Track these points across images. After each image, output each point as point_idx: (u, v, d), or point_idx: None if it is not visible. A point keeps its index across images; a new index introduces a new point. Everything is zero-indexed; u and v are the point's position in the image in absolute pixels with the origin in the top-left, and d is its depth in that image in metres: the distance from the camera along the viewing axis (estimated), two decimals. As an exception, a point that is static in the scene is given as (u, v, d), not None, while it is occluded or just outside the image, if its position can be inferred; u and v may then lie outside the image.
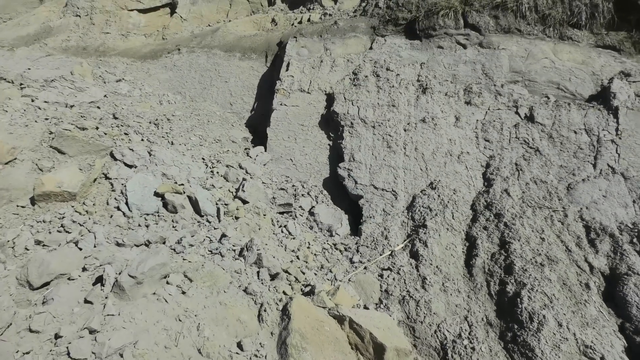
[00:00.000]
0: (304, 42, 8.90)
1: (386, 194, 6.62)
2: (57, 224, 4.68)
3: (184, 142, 7.21)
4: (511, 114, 7.05)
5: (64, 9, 13.80)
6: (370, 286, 5.24)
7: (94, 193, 5.37)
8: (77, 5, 13.44)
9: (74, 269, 3.99)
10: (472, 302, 4.99)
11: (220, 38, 11.03)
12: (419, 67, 7.89)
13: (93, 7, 13.29)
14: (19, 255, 4.19)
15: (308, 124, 7.86)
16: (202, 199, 5.65)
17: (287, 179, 7.32)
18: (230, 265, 4.71)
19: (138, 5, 13.17)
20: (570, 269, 5.13)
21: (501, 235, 5.57)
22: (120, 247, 4.55)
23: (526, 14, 7.71)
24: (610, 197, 5.92)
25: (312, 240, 6.07)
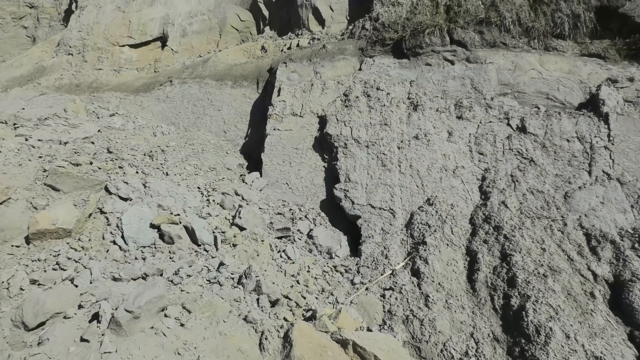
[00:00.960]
0: (294, 67, 9.01)
1: (384, 213, 6.59)
2: (52, 261, 4.63)
3: (179, 172, 7.21)
4: (503, 126, 7.08)
5: (56, 48, 14.00)
6: (373, 307, 5.15)
7: (90, 228, 5.33)
8: (69, 44, 13.64)
9: (70, 307, 3.92)
10: (477, 318, 4.90)
11: (211, 68, 11.16)
12: (409, 85, 7.97)
13: (85, 45, 13.48)
14: (14, 296, 4.13)
15: (302, 147, 7.88)
16: (199, 228, 5.61)
17: (284, 203, 7.29)
18: (229, 293, 4.65)
19: (129, 41, 13.37)
20: (573, 279, 5.06)
21: (502, 248, 5.53)
22: (116, 282, 4.49)
23: (510, 27, 7.84)
24: (608, 204, 5.90)
25: (312, 264, 6.00)
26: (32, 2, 17.08)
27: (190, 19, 13.23)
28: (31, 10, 17.08)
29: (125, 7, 13.78)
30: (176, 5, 13.49)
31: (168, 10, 13.45)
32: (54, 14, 16.83)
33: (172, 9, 13.44)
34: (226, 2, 13.26)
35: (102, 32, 13.55)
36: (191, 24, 13.17)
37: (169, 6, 13.50)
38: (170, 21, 13.26)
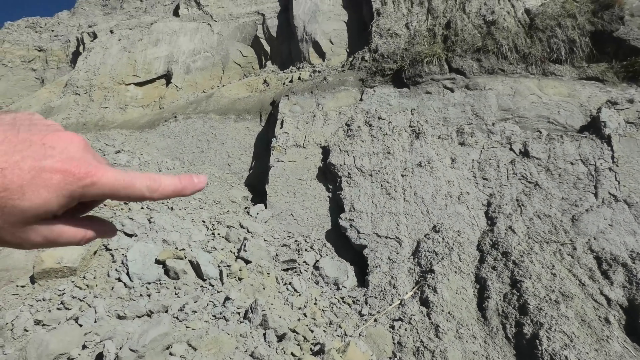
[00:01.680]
0: (296, 99, 9.15)
1: (390, 242, 6.53)
2: (57, 301, 4.59)
3: (184, 207, 7.22)
4: (506, 151, 7.10)
5: (63, 89, 14.34)
6: (382, 339, 5.04)
7: (95, 266, 5.31)
8: (76, 84, 13.98)
9: (74, 348, 3.86)
10: (489, 348, 4.78)
11: (214, 103, 11.36)
12: (410, 113, 8.05)
13: (92, 85, 13.81)
14: (17, 337, 4.08)
15: (306, 177, 7.91)
16: (204, 263, 5.57)
17: (289, 235, 7.26)
18: (235, 329, 4.57)
19: (135, 79, 13.69)
20: (586, 304, 4.95)
21: (511, 274, 5.44)
22: (121, 320, 4.43)
23: (507, 54, 7.97)
24: (617, 226, 5.83)
25: (319, 296, 5.92)
26: (41, 45, 17.61)
27: (193, 57, 13.57)
28: (40, 53, 17.59)
29: (131, 48, 14.18)
30: (180, 44, 13.87)
31: (172, 49, 13.82)
32: (62, 56, 17.32)
33: (176, 48, 13.81)
34: (228, 39, 13.61)
35: (108, 71, 13.90)
36: (195, 61, 13.50)
37: (173, 45, 13.88)
38: (175, 59, 13.60)
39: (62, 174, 0.53)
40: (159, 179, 0.62)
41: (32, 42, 17.76)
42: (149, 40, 14.21)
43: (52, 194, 0.52)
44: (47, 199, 0.52)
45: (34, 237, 0.55)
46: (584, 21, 7.81)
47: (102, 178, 0.56)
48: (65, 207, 0.55)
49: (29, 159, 0.51)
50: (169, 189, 0.63)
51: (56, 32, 18.10)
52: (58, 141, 0.55)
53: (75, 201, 0.56)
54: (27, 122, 0.57)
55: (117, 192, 0.58)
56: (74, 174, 0.54)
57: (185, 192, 0.65)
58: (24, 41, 17.70)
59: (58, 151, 0.54)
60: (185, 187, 0.65)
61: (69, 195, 0.54)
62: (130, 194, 0.59)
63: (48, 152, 0.53)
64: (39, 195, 0.51)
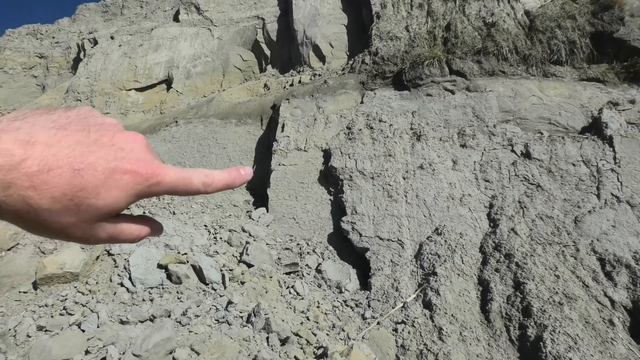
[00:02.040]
0: (297, 103, 9.16)
1: (392, 244, 6.52)
2: (60, 306, 4.59)
3: (186, 211, 7.22)
4: (507, 153, 7.09)
5: (65, 95, 14.37)
6: (385, 342, 5.02)
7: (97, 271, 5.31)
8: (77, 90, 14.01)
9: (77, 353, 3.85)
10: (493, 351, 4.76)
11: (215, 107, 11.37)
12: (411, 115, 8.05)
13: (93, 91, 13.84)
14: (20, 343, 4.07)
15: (307, 181, 7.91)
16: (207, 267, 5.56)
17: (291, 238, 7.25)
18: (238, 333, 4.55)
19: (136, 85, 13.72)
20: (590, 306, 4.93)
21: (514, 276, 5.42)
22: (124, 325, 4.42)
23: (507, 56, 7.97)
24: (619, 227, 5.81)
25: (322, 299, 5.90)
26: (42, 52, 17.68)
27: (194, 62, 13.61)
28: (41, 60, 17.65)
29: (132, 53, 14.22)
30: (180, 49, 13.91)
31: (173, 54, 13.86)
32: (62, 62, 17.38)
33: (176, 53, 13.85)
34: (229, 44, 13.65)
35: (109, 77, 13.93)
36: (195, 66, 13.54)
37: (174, 50, 13.92)
38: (175, 64, 13.64)
39: (131, 175, 0.57)
40: (211, 175, 0.66)
41: (33, 49, 17.83)
42: (150, 45, 14.25)
43: (123, 194, 0.56)
44: (118, 198, 0.56)
45: (101, 233, 0.59)
46: (583, 22, 7.82)
47: (166, 177, 0.60)
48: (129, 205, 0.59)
49: (102, 160, 0.54)
50: (220, 183, 0.67)
51: (57, 39, 18.17)
52: (125, 142, 0.59)
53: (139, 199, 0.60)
54: (93, 120, 0.59)
55: (177, 189, 0.62)
56: (141, 175, 0.57)
57: (234, 185, 0.69)
58: (25, 48, 17.77)
59: (127, 152, 0.58)
60: (234, 179, 0.69)
61: (137, 194, 0.58)
62: (188, 190, 0.63)
63: (118, 154, 0.56)
64: (111, 195, 0.55)
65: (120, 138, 0.59)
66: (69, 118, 0.57)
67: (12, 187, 0.49)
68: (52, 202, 0.51)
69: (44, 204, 0.51)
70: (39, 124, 0.54)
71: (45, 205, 0.51)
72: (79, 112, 0.59)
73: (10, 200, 0.50)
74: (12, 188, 0.49)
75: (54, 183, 0.51)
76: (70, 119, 0.57)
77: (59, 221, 0.54)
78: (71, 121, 0.57)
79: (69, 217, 0.54)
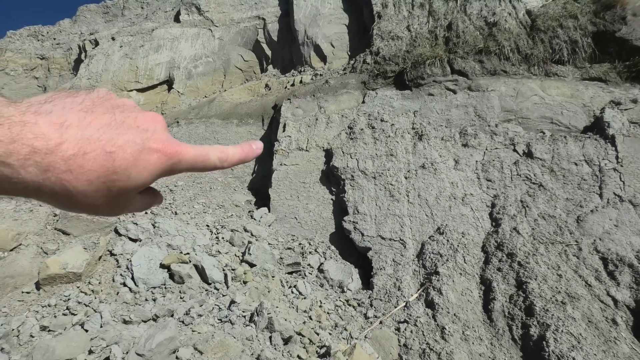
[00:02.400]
0: (298, 103, 9.16)
1: (394, 244, 6.52)
2: (63, 306, 4.59)
3: (188, 211, 7.23)
4: (509, 152, 7.09)
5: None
6: (388, 341, 5.02)
7: (100, 271, 5.31)
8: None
9: (80, 353, 3.86)
10: (496, 350, 4.75)
11: (216, 107, 11.37)
12: (412, 115, 8.05)
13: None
14: (23, 343, 4.08)
15: (309, 181, 7.91)
16: (209, 267, 5.57)
17: (293, 238, 7.25)
18: (241, 332, 4.56)
19: (137, 85, 13.73)
20: (593, 305, 4.93)
21: (516, 276, 5.41)
22: (127, 325, 4.42)
23: (509, 55, 7.97)
24: (622, 226, 5.80)
25: (324, 298, 5.90)
26: (43, 54, 17.68)
27: (195, 62, 13.61)
28: (42, 61, 17.65)
29: (133, 54, 14.23)
30: (181, 49, 13.92)
31: (173, 54, 13.87)
32: (64, 64, 17.38)
33: (177, 54, 13.86)
34: (229, 44, 13.66)
35: (110, 78, 13.94)
36: (196, 66, 13.54)
37: (175, 51, 13.93)
38: (176, 65, 13.65)
39: (157, 154, 0.59)
40: (226, 150, 0.70)
41: (35, 50, 17.83)
42: (151, 46, 14.26)
43: (150, 173, 0.59)
44: (146, 177, 0.59)
45: (126, 207, 0.63)
46: (585, 22, 7.82)
47: (186, 155, 0.63)
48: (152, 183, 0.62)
49: (130, 142, 0.56)
50: (235, 158, 0.71)
51: (58, 40, 18.17)
52: (147, 122, 0.61)
53: (162, 177, 0.63)
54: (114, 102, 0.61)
55: (196, 166, 0.65)
56: (166, 154, 0.60)
57: (247, 159, 0.73)
58: (26, 50, 17.77)
59: (150, 133, 0.60)
60: (247, 154, 0.73)
61: (161, 172, 0.61)
62: (206, 166, 0.67)
63: (144, 135, 0.59)
64: (140, 175, 0.58)
65: (143, 119, 0.61)
66: (92, 101, 0.59)
67: (50, 171, 0.50)
68: (87, 185, 0.53)
69: (80, 186, 0.53)
70: (68, 107, 0.55)
71: (81, 188, 0.53)
72: (99, 95, 0.61)
73: (49, 182, 0.51)
74: (50, 171, 0.50)
75: (89, 166, 0.53)
76: (94, 102, 0.58)
77: (93, 202, 0.56)
78: (96, 104, 0.58)
79: (101, 197, 0.56)
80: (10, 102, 0.52)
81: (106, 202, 0.57)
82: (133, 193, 0.60)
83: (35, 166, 0.49)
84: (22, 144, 0.49)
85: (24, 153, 0.49)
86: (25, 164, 0.49)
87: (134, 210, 0.66)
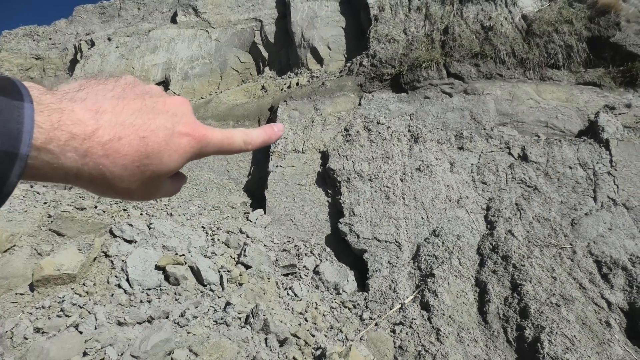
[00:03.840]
0: (295, 105, 9.17)
1: (390, 246, 6.53)
2: (57, 308, 4.56)
3: (183, 213, 7.21)
4: (505, 155, 7.12)
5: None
6: (383, 343, 5.03)
7: (94, 272, 5.28)
8: (74, 90, 13.94)
9: (74, 355, 3.83)
10: (490, 352, 4.77)
11: (213, 109, 11.37)
12: (409, 118, 8.08)
13: (90, 91, 13.78)
14: (17, 345, 4.05)
15: (305, 182, 7.91)
16: (204, 268, 5.55)
17: (289, 240, 7.25)
18: (237, 334, 4.55)
19: (133, 85, 13.67)
20: (587, 307, 4.96)
21: (511, 278, 5.44)
22: (122, 327, 4.40)
23: (505, 59, 8.02)
24: (616, 229, 5.85)
25: (320, 300, 5.90)
26: (39, 54, 17.60)
27: (191, 63, 13.60)
28: (37, 61, 17.57)
29: (129, 55, 14.20)
30: (178, 50, 13.90)
31: (170, 55, 13.85)
32: (59, 64, 17.30)
33: (173, 55, 13.84)
34: (226, 46, 13.66)
35: (106, 78, 13.87)
36: (192, 67, 13.53)
37: (171, 52, 13.91)
38: (172, 66, 13.63)
39: (187, 138, 0.61)
40: (250, 133, 0.71)
41: (30, 50, 17.74)
42: (147, 47, 14.24)
43: (181, 157, 0.61)
44: (178, 161, 0.61)
45: (158, 191, 0.65)
46: (580, 27, 7.88)
47: (214, 138, 0.65)
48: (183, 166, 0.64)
49: (162, 126, 0.58)
50: (259, 140, 0.72)
51: (54, 40, 18.09)
52: (176, 107, 0.63)
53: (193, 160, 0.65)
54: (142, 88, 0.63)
55: (222, 149, 0.67)
56: (195, 137, 0.62)
57: (270, 141, 0.75)
58: (21, 49, 17.69)
59: (180, 117, 0.62)
60: (270, 136, 0.75)
61: (191, 156, 0.63)
62: (232, 149, 0.68)
63: (174, 119, 0.61)
64: (172, 159, 0.60)
65: (171, 104, 0.63)
66: (122, 87, 0.60)
67: (88, 156, 0.52)
68: (123, 169, 0.55)
69: (116, 171, 0.55)
70: (101, 94, 0.57)
71: (117, 172, 0.55)
72: (127, 81, 0.62)
73: (87, 167, 0.53)
74: (88, 156, 0.52)
75: (124, 151, 0.54)
76: (124, 89, 0.60)
77: (128, 186, 0.58)
78: (126, 90, 0.60)
79: (135, 182, 0.58)
80: (47, 90, 0.54)
81: (140, 186, 0.59)
82: (165, 176, 0.62)
83: (74, 152, 0.51)
84: (61, 130, 0.50)
85: (64, 139, 0.50)
86: (64, 150, 0.51)
87: (165, 195, 0.68)
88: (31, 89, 0.51)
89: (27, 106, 0.48)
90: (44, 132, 0.49)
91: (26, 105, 0.48)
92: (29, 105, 0.48)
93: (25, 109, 0.48)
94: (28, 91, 0.50)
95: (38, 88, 0.53)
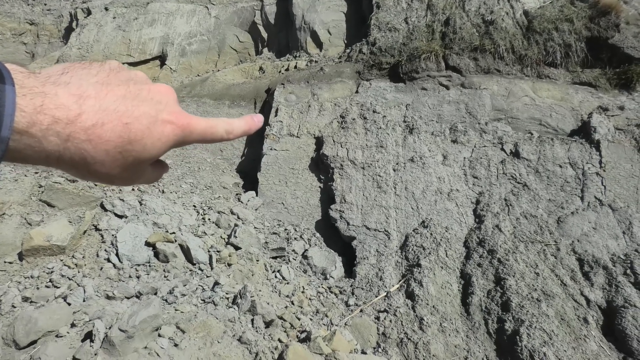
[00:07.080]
0: (292, 88, 9.13)
1: (379, 235, 6.61)
2: (46, 279, 4.59)
3: (175, 190, 7.21)
4: (497, 151, 7.19)
5: (55, 64, 14.06)
6: (367, 330, 5.14)
7: (84, 245, 5.30)
8: (68, 60, 13.73)
9: (63, 325, 3.88)
10: (471, 342, 4.90)
11: (209, 87, 11.27)
12: (405, 108, 8.10)
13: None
14: (5, 313, 4.08)
15: (298, 167, 7.94)
16: (194, 247, 5.59)
17: (279, 223, 7.30)
18: (224, 314, 4.62)
19: (128, 59, 13.49)
20: (567, 304, 5.09)
21: (496, 272, 5.56)
22: (110, 300, 4.45)
23: (504, 55, 8.03)
24: (600, 229, 5.97)
25: (307, 285, 5.99)
26: (33, 19, 17.22)
27: (189, 39, 13.42)
28: (31, 27, 17.20)
29: (126, 27, 13.96)
30: (176, 25, 13.69)
31: (168, 30, 13.64)
32: (54, 31, 16.96)
33: (172, 29, 13.63)
34: (225, 24, 13.48)
35: (101, 49, 13.67)
36: (190, 44, 13.35)
37: (169, 26, 13.70)
38: (170, 41, 13.43)
39: (170, 126, 0.62)
40: (232, 123, 0.72)
41: (24, 15, 17.35)
42: (145, 20, 13.99)
43: (164, 144, 0.61)
44: (160, 148, 0.61)
45: (139, 179, 0.66)
46: (580, 26, 7.90)
47: (197, 127, 0.66)
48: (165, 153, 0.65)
49: (145, 114, 0.59)
50: (240, 130, 0.74)
51: (49, 6, 17.70)
52: (160, 95, 0.64)
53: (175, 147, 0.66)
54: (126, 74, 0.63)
55: (205, 137, 0.68)
56: (178, 125, 0.63)
57: (250, 131, 0.77)
58: (15, 13, 17.28)
59: (164, 105, 0.62)
60: (250, 127, 0.76)
61: (174, 143, 0.63)
62: (214, 138, 0.69)
63: (158, 107, 0.61)
64: (155, 146, 0.60)
65: (156, 91, 0.63)
66: (107, 73, 0.60)
67: (70, 140, 0.53)
68: (105, 155, 0.56)
69: (98, 156, 0.56)
70: (85, 79, 0.57)
71: (99, 158, 0.56)
72: (112, 67, 0.62)
73: (68, 152, 0.54)
74: (70, 141, 0.53)
75: (107, 137, 0.55)
76: (108, 74, 0.60)
77: (109, 171, 0.58)
78: (110, 76, 0.60)
79: (117, 167, 0.59)
80: (30, 73, 0.54)
81: (121, 172, 0.60)
82: (146, 163, 0.63)
83: (57, 136, 0.52)
84: (44, 114, 0.51)
85: (46, 123, 0.51)
86: (47, 134, 0.51)
87: (146, 181, 0.69)
88: (14, 71, 0.51)
89: (8, 89, 0.48)
90: (26, 115, 0.49)
91: (8, 88, 0.48)
92: (11, 88, 0.48)
93: (7, 92, 0.48)
94: (10, 74, 0.50)
95: (21, 71, 0.53)
